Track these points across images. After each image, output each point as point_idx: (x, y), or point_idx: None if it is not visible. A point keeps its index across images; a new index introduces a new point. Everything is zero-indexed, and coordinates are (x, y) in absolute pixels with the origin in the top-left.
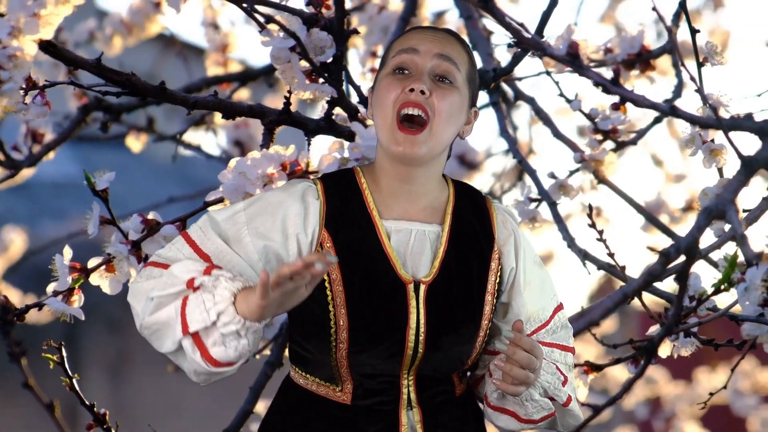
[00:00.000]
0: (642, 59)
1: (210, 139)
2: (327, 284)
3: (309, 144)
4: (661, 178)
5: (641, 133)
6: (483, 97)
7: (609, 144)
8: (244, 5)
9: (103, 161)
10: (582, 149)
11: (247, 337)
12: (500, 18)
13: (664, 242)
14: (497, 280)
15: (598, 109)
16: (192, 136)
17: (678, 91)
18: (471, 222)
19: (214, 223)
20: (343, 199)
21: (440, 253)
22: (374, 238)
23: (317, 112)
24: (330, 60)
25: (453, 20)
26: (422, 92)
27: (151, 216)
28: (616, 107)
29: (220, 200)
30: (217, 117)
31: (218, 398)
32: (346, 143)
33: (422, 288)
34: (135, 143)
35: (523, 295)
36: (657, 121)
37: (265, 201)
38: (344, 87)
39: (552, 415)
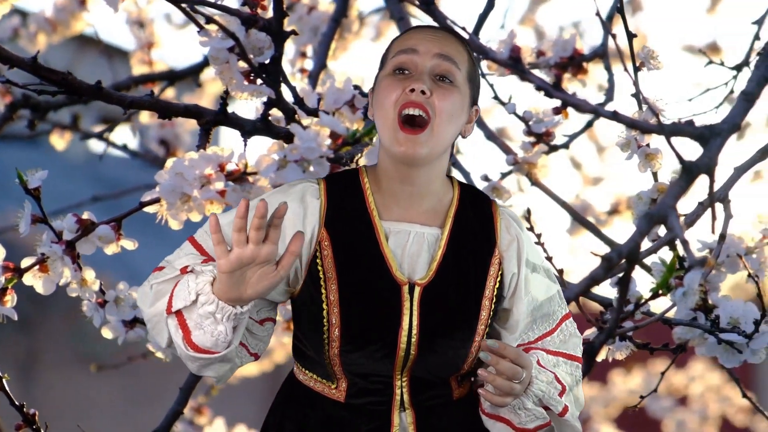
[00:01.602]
0: (575, 63)
1: (119, 136)
2: (322, 282)
3: (245, 145)
4: (579, 181)
5: (573, 137)
6: None
7: (542, 147)
8: (183, 5)
9: (11, 159)
10: (514, 152)
11: (224, 324)
12: (442, 21)
13: (592, 245)
14: (496, 285)
15: (532, 111)
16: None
17: (610, 95)
18: (473, 226)
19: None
20: (344, 199)
21: (438, 256)
22: (372, 238)
23: (237, 108)
24: (268, 61)
25: (380, 21)
26: (423, 92)
27: (85, 216)
28: (557, 111)
29: (156, 200)
30: (143, 116)
31: (133, 399)
32: (285, 145)
33: (417, 290)
34: (59, 141)
35: (525, 301)
36: (589, 125)
37: (265, 201)
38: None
39: (547, 425)
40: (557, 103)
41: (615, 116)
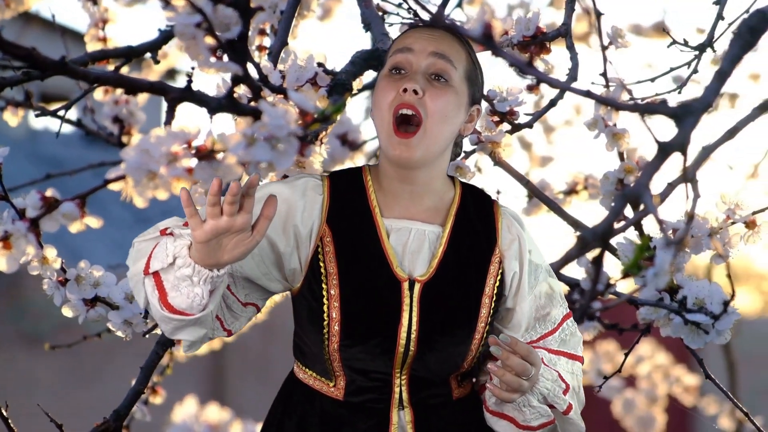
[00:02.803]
0: (537, 41)
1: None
2: (323, 277)
3: (211, 121)
4: (529, 161)
5: (537, 116)
6: (373, 77)
7: (505, 126)
8: None
9: None
10: (478, 130)
11: (201, 287)
12: (426, 9)
13: (549, 225)
14: (496, 284)
15: (496, 90)
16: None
17: (574, 74)
18: (474, 224)
19: None
20: (347, 197)
21: (439, 253)
22: (374, 235)
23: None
24: (235, 37)
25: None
26: (415, 92)
27: (49, 193)
28: (531, 89)
29: (122, 177)
30: (97, 93)
31: (76, 378)
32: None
33: (417, 287)
34: (12, 118)
35: (528, 300)
36: (552, 104)
37: (267, 191)
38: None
39: (551, 423)
40: (520, 81)
41: (588, 94)
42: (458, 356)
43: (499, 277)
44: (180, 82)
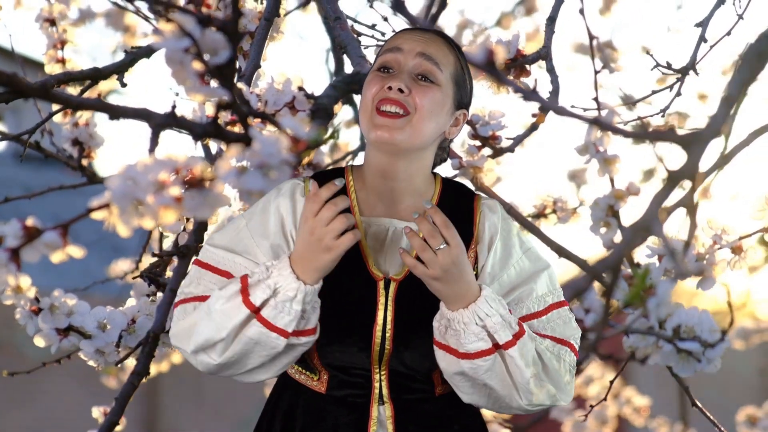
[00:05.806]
0: (517, 64)
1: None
2: None
3: (196, 148)
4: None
5: (518, 140)
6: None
7: (487, 150)
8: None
9: None
10: (459, 155)
11: (315, 304)
12: (411, 20)
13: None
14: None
15: (479, 114)
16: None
17: (555, 98)
18: (452, 220)
19: (222, 243)
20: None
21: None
22: None
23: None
24: (223, 62)
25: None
26: (401, 90)
27: (30, 222)
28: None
29: (105, 206)
30: (57, 115)
31: (2, 396)
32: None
33: (393, 285)
34: None
35: (499, 280)
36: (534, 128)
37: (259, 207)
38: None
39: (490, 353)
40: (500, 105)
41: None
42: (434, 353)
43: (474, 272)
44: (123, 101)
